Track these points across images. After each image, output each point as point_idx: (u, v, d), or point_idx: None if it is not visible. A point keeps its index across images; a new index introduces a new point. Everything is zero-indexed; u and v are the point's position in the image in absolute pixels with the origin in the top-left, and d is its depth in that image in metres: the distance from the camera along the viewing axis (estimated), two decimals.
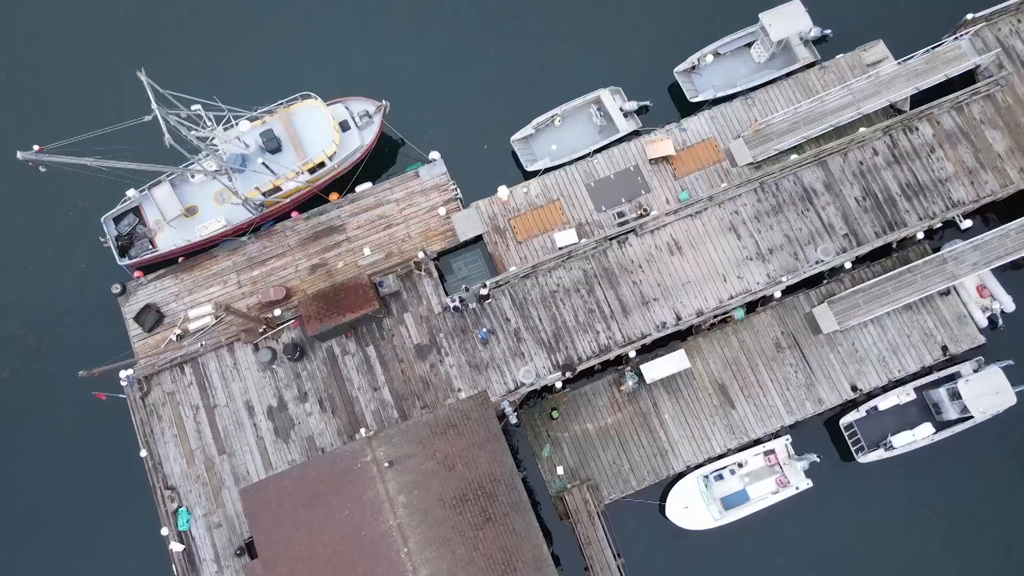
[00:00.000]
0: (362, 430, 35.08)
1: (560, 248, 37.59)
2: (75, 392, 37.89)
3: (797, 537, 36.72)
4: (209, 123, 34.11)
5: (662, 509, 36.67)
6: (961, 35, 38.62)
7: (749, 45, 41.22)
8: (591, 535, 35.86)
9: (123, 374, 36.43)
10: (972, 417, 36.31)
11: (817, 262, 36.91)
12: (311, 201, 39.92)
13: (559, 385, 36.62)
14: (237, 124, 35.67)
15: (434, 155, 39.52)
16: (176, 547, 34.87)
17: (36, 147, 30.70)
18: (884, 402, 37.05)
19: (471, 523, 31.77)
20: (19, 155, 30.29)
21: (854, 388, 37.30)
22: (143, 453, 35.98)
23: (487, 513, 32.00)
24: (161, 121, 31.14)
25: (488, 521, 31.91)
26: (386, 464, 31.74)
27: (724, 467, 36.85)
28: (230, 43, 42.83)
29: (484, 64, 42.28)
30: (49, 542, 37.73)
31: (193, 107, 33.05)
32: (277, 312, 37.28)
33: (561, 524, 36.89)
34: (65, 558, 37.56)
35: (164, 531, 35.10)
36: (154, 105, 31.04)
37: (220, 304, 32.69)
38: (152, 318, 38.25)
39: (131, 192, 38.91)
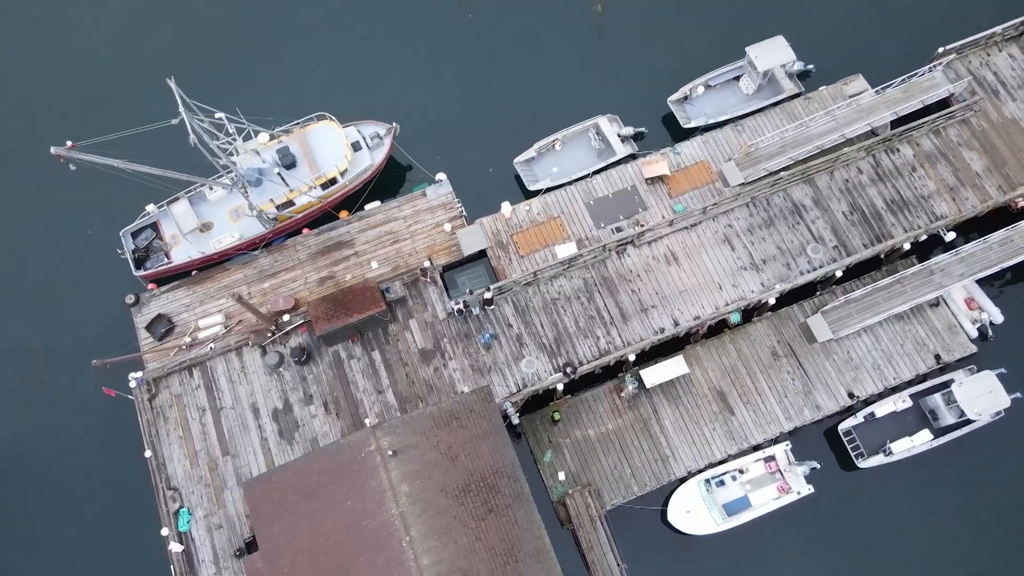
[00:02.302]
0: (366, 420, 35.49)
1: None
2: (83, 397, 38.73)
3: (800, 543, 36.50)
4: (231, 132, 36.17)
5: (664, 515, 36.55)
6: (935, 66, 41.36)
7: (737, 78, 44.02)
8: (593, 540, 35.73)
9: (132, 376, 37.10)
10: (969, 423, 36.87)
11: (809, 270, 38.25)
12: (322, 219, 41.63)
13: (560, 388, 37.26)
14: (256, 137, 37.80)
15: (440, 176, 41.46)
16: (175, 547, 34.61)
17: (69, 143, 32.59)
18: (881, 409, 37.59)
19: (473, 514, 31.76)
20: (52, 150, 32.15)
21: (851, 395, 37.92)
22: (147, 453, 36.20)
23: (489, 504, 32.05)
24: (187, 123, 33.16)
25: (490, 512, 31.92)
26: (390, 453, 32.02)
27: (725, 472, 36.99)
28: (255, 63, 46.33)
29: (490, 93, 45.16)
30: (51, 540, 37.59)
31: (216, 115, 35.20)
32: (286, 318, 38.29)
33: (563, 532, 36.69)
34: (66, 557, 37.27)
35: (164, 531, 34.92)
36: (181, 109, 33.16)
37: (234, 293, 33.72)
38: (163, 327, 39.20)
39: (150, 207, 40.66)
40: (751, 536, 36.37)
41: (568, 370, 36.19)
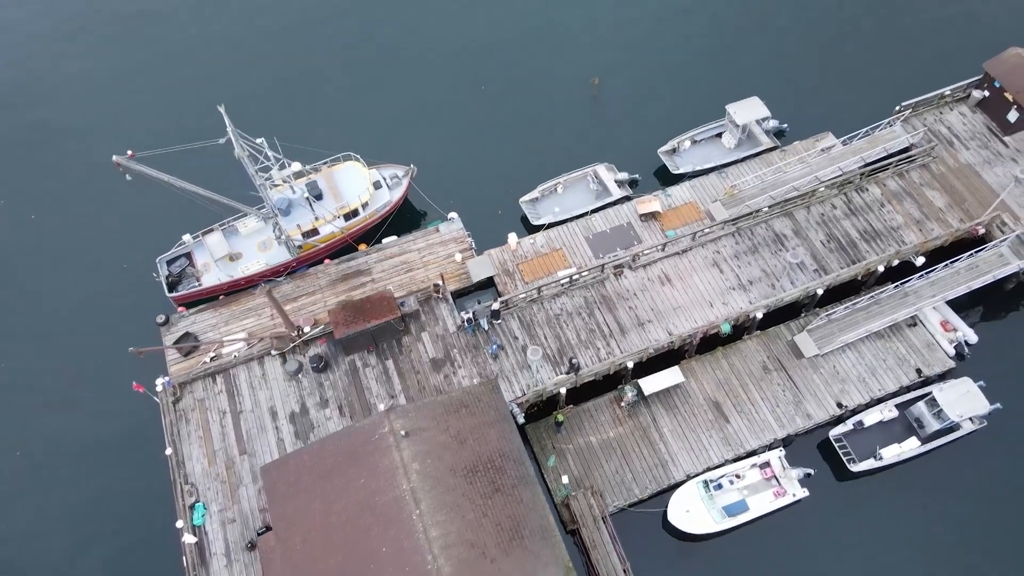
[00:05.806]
0: (380, 405, 37.28)
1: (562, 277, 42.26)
2: (111, 402, 40.74)
3: (797, 543, 37.16)
4: (269, 157, 40.54)
5: (665, 516, 37.48)
6: (894, 120, 46.55)
7: (720, 135, 49.19)
8: (596, 539, 36.54)
9: (159, 380, 39.30)
10: (953, 430, 38.64)
11: (791, 290, 41.40)
12: (342, 250, 45.27)
13: (563, 393, 39.31)
14: (290, 166, 42.19)
15: (453, 215, 45.53)
16: (189, 539, 35.43)
17: (129, 152, 36.81)
18: (869, 418, 39.40)
19: (481, 492, 33.02)
20: (114, 158, 36.33)
21: (839, 405, 39.88)
22: (168, 451, 37.75)
23: (496, 484, 33.37)
24: (233, 140, 37.59)
25: (497, 491, 33.19)
26: (402, 433, 33.75)
27: (723, 476, 38.26)
28: (294, 106, 52.56)
29: (499, 144, 50.43)
30: (66, 529, 38.32)
31: (257, 140, 39.68)
32: (307, 329, 41.00)
33: (566, 537, 37.39)
34: (80, 545, 37.82)
35: (179, 523, 35.87)
36: (229, 129, 37.69)
37: (264, 288, 36.62)
38: (189, 344, 41.77)
39: (186, 237, 44.42)
40: (749, 537, 37.14)
41: (573, 362, 38.44)
